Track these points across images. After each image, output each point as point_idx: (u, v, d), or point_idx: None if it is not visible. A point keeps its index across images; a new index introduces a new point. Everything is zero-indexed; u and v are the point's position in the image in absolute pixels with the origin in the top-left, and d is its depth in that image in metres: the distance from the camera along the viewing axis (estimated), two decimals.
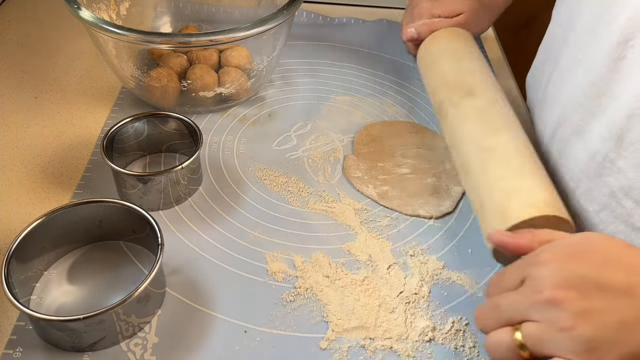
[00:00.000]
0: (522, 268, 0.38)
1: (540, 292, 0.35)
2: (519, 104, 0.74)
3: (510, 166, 0.48)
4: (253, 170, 0.61)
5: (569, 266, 0.35)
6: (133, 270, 0.50)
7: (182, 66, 0.66)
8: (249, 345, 0.45)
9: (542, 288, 0.35)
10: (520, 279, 0.37)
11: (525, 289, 0.36)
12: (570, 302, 0.34)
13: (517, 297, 0.37)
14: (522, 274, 0.37)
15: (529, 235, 0.40)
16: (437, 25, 0.65)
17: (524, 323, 0.36)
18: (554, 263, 0.36)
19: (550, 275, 0.35)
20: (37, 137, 0.63)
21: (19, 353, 0.43)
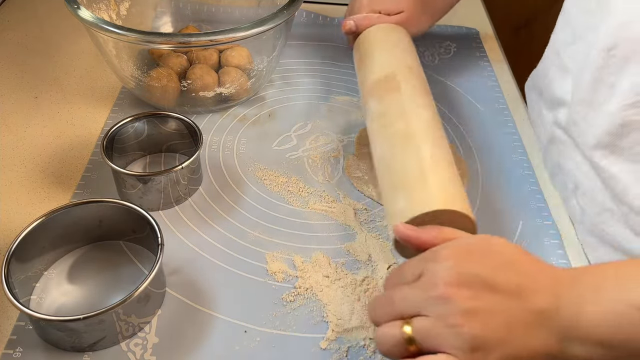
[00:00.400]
0: (421, 263, 0.38)
1: (433, 288, 0.35)
2: (519, 103, 0.74)
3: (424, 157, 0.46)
4: (253, 170, 0.61)
5: (464, 264, 0.36)
6: (133, 270, 0.50)
7: (182, 66, 0.66)
8: (249, 345, 0.45)
9: (436, 283, 0.35)
10: (418, 274, 0.37)
11: (419, 283, 0.36)
12: (461, 299, 0.34)
13: (411, 291, 0.37)
14: (420, 268, 0.37)
15: (434, 232, 0.40)
16: (376, 20, 0.64)
17: (415, 317, 0.35)
18: (450, 260, 0.36)
19: (444, 271, 0.35)
20: (37, 137, 0.63)
21: (19, 353, 0.43)
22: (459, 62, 0.80)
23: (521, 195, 0.60)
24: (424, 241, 0.39)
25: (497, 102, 0.73)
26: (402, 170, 0.46)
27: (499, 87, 0.76)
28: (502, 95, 0.74)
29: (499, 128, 0.69)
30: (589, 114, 0.52)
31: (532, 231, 0.56)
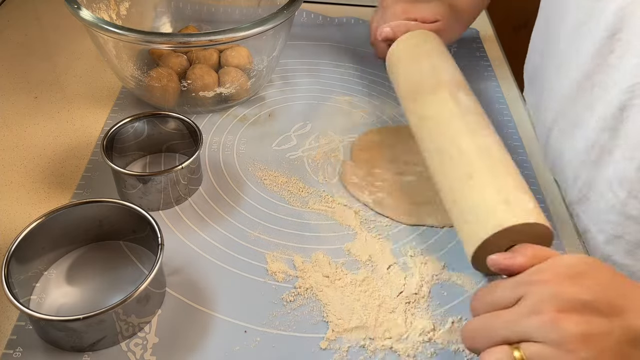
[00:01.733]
0: (517, 286, 0.38)
1: (541, 313, 0.35)
2: (519, 103, 0.74)
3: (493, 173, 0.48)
4: (253, 170, 0.61)
5: (568, 288, 0.36)
6: (133, 270, 0.50)
7: (182, 66, 0.66)
8: (249, 345, 0.45)
9: (544, 309, 0.35)
10: (515, 298, 0.37)
11: (522, 308, 0.36)
12: (573, 324, 0.34)
13: (514, 316, 0.36)
14: (518, 292, 0.37)
15: (528, 253, 0.40)
16: (414, 27, 0.64)
17: (524, 343, 0.35)
18: (553, 284, 0.36)
19: (551, 297, 0.35)
20: (37, 137, 0.63)
21: (19, 353, 0.43)
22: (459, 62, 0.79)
23: None
24: (520, 265, 0.39)
25: (497, 102, 0.73)
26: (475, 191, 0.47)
27: (499, 87, 0.76)
28: (502, 95, 0.74)
29: (499, 128, 0.69)
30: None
31: None
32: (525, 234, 0.43)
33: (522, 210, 0.44)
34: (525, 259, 0.40)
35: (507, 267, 0.40)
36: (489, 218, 0.44)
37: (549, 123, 0.61)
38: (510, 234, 0.43)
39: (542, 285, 0.36)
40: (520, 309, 0.36)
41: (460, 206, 0.47)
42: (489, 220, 0.44)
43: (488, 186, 0.46)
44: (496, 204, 0.45)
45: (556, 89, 0.59)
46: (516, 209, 0.44)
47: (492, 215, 0.44)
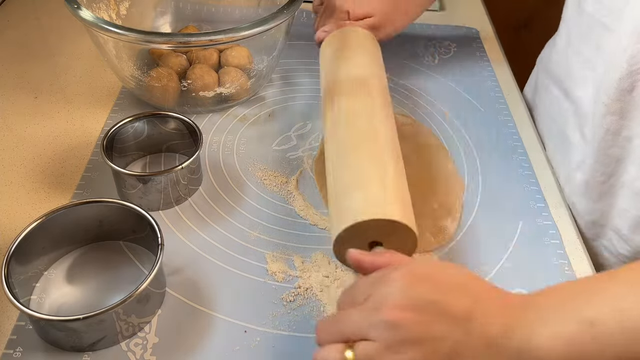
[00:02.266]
0: (370, 285, 0.36)
1: (380, 311, 0.34)
2: (519, 103, 0.74)
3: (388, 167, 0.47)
4: (253, 170, 0.61)
5: (414, 287, 0.34)
6: (133, 270, 0.50)
7: (182, 66, 0.66)
8: (249, 345, 0.45)
9: (383, 307, 0.34)
10: (366, 295, 0.36)
11: (367, 305, 0.35)
12: (408, 324, 0.33)
13: (357, 314, 0.35)
14: (369, 290, 0.36)
15: (388, 254, 0.39)
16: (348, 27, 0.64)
17: (360, 342, 0.34)
18: (400, 282, 0.35)
19: (393, 295, 0.34)
20: (37, 137, 0.63)
21: (19, 353, 0.43)
22: (459, 62, 0.80)
23: (521, 195, 0.60)
24: (378, 265, 0.38)
25: (497, 102, 0.73)
26: (362, 170, 0.46)
27: (499, 87, 0.76)
28: (502, 95, 0.74)
29: (499, 128, 0.69)
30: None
31: (532, 231, 0.56)
32: (391, 235, 0.42)
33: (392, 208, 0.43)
34: (383, 259, 0.39)
35: (361, 261, 0.39)
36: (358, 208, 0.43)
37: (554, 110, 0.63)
38: (377, 229, 0.42)
39: (389, 283, 0.35)
40: (364, 307, 0.35)
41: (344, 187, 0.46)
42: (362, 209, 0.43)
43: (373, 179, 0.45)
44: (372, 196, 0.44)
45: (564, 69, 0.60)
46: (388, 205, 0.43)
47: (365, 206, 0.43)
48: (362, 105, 0.53)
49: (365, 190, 0.44)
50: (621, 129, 0.52)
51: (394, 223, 0.42)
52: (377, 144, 0.49)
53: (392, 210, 0.42)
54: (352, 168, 0.47)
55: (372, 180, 0.45)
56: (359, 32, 0.63)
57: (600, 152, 0.54)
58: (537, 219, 0.58)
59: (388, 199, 0.44)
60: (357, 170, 0.46)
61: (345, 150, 0.49)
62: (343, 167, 0.47)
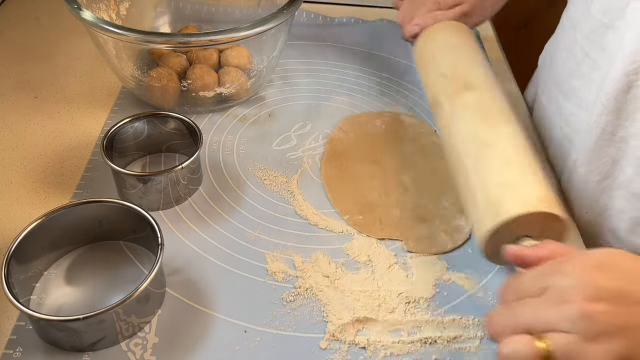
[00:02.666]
0: (542, 276, 0.36)
1: (570, 304, 0.34)
2: (519, 103, 0.74)
3: (508, 162, 0.47)
4: (253, 170, 0.61)
5: (595, 278, 0.35)
6: (133, 270, 0.50)
7: (182, 66, 0.66)
8: (249, 345, 0.45)
9: (572, 299, 0.34)
10: (542, 287, 0.36)
11: (548, 298, 0.35)
12: (604, 315, 0.33)
13: (540, 306, 0.35)
14: (544, 282, 0.36)
15: (551, 246, 0.39)
16: (440, 17, 0.64)
17: (551, 333, 0.34)
18: (579, 273, 0.35)
19: (578, 286, 0.34)
20: (37, 137, 0.63)
21: (19, 353, 0.43)
22: None
23: None
24: (541, 256, 0.39)
25: None
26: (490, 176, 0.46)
27: None
28: None
29: None
30: None
31: None
32: (540, 225, 0.43)
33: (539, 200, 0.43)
34: (545, 251, 0.39)
35: (525, 257, 0.39)
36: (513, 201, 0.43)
37: (551, 109, 0.62)
38: (525, 222, 0.42)
39: (568, 275, 0.35)
40: (547, 299, 0.35)
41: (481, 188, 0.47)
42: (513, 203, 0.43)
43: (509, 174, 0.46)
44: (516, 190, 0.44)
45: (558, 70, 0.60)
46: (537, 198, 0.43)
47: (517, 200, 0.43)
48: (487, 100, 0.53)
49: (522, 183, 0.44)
50: (617, 129, 0.52)
51: (554, 216, 0.42)
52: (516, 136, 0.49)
53: (553, 204, 0.43)
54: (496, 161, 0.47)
55: (523, 173, 0.45)
56: (456, 25, 0.63)
57: (596, 152, 0.54)
58: None
59: (546, 191, 0.44)
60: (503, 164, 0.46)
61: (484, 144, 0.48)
62: (484, 160, 0.47)
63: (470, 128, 0.51)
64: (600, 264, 0.36)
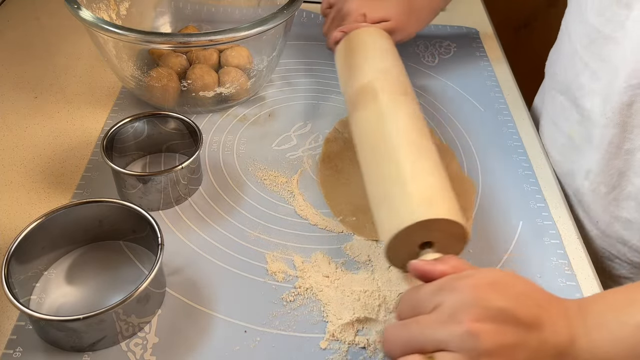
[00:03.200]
0: (437, 292, 0.37)
1: (460, 323, 0.34)
2: (519, 103, 0.74)
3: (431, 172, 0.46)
4: (253, 170, 0.61)
5: (486, 297, 0.35)
6: (133, 270, 0.50)
7: (182, 66, 0.66)
8: (249, 345, 0.45)
9: (460, 318, 0.34)
10: (435, 304, 0.36)
11: (440, 315, 0.35)
12: (489, 335, 0.34)
13: (431, 324, 0.35)
14: (437, 299, 0.36)
15: (452, 262, 0.39)
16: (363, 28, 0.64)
17: (438, 352, 0.35)
18: (471, 292, 0.35)
19: (468, 305, 0.35)
20: (37, 137, 0.63)
21: (19, 353, 0.43)
22: (459, 62, 0.80)
23: (521, 195, 0.60)
24: (441, 272, 0.39)
25: (497, 102, 0.73)
26: (382, 186, 0.46)
27: (499, 87, 0.76)
28: (502, 95, 0.74)
29: (499, 128, 0.69)
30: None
31: (532, 231, 0.56)
32: (442, 232, 0.42)
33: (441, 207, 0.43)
34: (447, 267, 0.39)
35: (427, 272, 0.39)
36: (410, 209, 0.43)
37: (553, 119, 0.62)
38: (428, 229, 0.42)
39: (460, 292, 0.36)
40: (438, 316, 0.35)
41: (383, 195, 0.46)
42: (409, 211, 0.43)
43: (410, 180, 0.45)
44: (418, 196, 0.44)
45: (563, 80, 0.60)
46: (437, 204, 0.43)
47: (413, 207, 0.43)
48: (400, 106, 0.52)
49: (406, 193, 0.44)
50: (623, 142, 0.52)
51: (443, 221, 0.42)
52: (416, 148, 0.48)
53: (450, 211, 0.42)
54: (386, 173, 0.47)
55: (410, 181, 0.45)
56: (378, 32, 0.63)
57: (604, 164, 0.54)
58: (537, 219, 0.58)
59: (447, 199, 0.44)
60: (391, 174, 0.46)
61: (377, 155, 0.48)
62: (377, 175, 0.47)
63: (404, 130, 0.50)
64: (492, 284, 0.36)
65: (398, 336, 0.37)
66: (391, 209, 0.44)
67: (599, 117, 0.54)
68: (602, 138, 0.53)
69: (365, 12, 0.65)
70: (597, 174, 0.56)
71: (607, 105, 0.52)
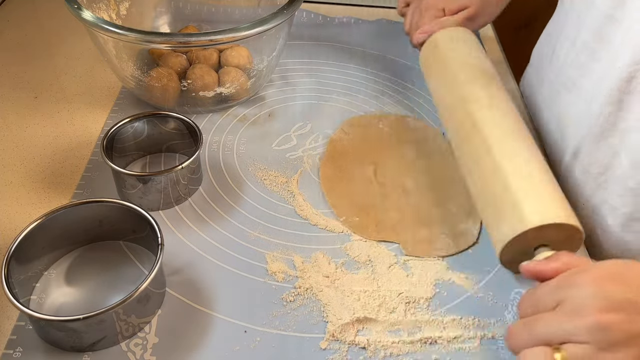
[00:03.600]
0: (557, 289, 0.38)
1: (585, 315, 0.35)
2: (519, 102, 0.74)
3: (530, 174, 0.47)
4: (253, 170, 0.61)
5: (608, 288, 0.35)
6: (133, 270, 0.50)
7: (182, 66, 0.66)
8: (249, 345, 0.45)
9: (587, 311, 0.35)
10: (556, 301, 0.37)
11: (564, 310, 0.36)
12: (618, 325, 0.34)
13: (556, 318, 0.36)
14: (559, 295, 0.37)
15: (564, 258, 0.40)
16: (445, 23, 0.64)
17: (567, 344, 0.35)
18: (592, 285, 0.36)
19: (592, 297, 0.35)
20: (37, 137, 0.63)
21: (19, 353, 0.43)
22: None
23: None
24: (554, 270, 0.39)
25: None
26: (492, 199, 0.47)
27: None
28: None
29: None
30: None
31: None
32: (556, 234, 0.43)
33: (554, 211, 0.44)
34: (559, 264, 0.40)
35: (540, 272, 0.40)
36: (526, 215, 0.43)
37: (550, 96, 0.62)
38: (542, 233, 0.43)
39: (582, 287, 0.36)
40: (563, 311, 0.36)
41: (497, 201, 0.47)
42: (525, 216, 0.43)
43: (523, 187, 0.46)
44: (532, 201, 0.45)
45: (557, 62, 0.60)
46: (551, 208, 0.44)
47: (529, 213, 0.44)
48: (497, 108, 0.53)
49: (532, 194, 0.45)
50: (618, 121, 0.52)
51: (566, 226, 0.42)
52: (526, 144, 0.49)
53: (563, 214, 0.43)
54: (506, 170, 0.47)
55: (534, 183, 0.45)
56: (461, 31, 0.63)
57: (598, 143, 0.54)
58: None
59: (558, 201, 0.44)
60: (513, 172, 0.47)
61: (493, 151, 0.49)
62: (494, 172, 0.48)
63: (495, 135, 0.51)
64: (612, 275, 0.37)
65: (522, 331, 0.38)
66: (503, 211, 0.45)
67: (598, 94, 0.54)
68: (598, 116, 0.53)
69: (444, 6, 0.65)
70: (590, 153, 0.56)
71: (605, 84, 0.52)
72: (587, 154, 0.56)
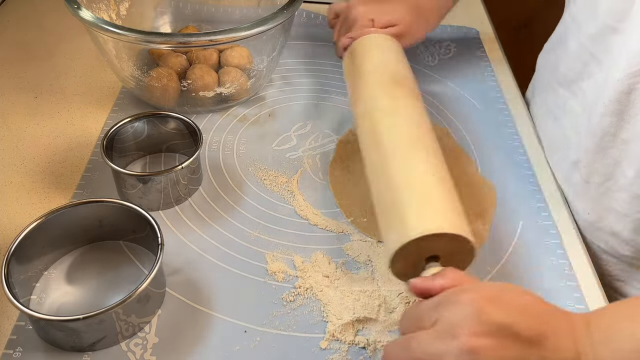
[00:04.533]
0: (437, 307, 0.36)
1: (457, 337, 0.34)
2: (519, 103, 0.74)
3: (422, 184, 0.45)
4: (253, 170, 0.61)
5: (485, 311, 0.34)
6: (133, 270, 0.50)
7: (182, 66, 0.66)
8: (249, 345, 0.45)
9: (459, 333, 0.34)
10: (434, 319, 0.36)
11: (438, 330, 0.35)
12: (488, 350, 0.33)
13: (429, 339, 0.35)
14: (437, 313, 0.36)
15: (450, 275, 0.39)
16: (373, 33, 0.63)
17: None
18: (470, 306, 0.35)
19: (468, 318, 0.34)
20: (37, 137, 0.63)
21: (19, 353, 0.43)
22: (459, 62, 0.80)
23: (521, 195, 0.60)
24: (440, 286, 0.38)
25: (497, 102, 0.73)
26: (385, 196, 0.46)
27: (499, 87, 0.76)
28: (502, 95, 0.74)
29: (499, 128, 0.69)
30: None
31: (532, 231, 0.56)
32: (445, 245, 0.42)
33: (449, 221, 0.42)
34: (446, 280, 0.38)
35: (426, 289, 0.39)
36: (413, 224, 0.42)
37: (549, 107, 0.63)
38: (428, 244, 0.41)
39: (459, 306, 0.35)
40: (436, 332, 0.35)
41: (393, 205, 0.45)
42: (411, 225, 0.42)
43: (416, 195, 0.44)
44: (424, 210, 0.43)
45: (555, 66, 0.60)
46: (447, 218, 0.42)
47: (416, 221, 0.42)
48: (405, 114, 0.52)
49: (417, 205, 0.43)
50: (619, 131, 0.52)
51: (451, 235, 0.41)
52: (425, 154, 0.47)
53: (447, 224, 0.41)
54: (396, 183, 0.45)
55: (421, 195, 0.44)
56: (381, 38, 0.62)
57: (598, 153, 0.54)
58: (537, 219, 0.58)
59: (447, 212, 0.43)
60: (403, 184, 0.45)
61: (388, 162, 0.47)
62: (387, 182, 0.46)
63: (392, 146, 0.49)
64: (492, 297, 0.36)
65: (397, 352, 0.37)
66: (391, 224, 0.43)
67: (597, 106, 0.54)
68: (598, 127, 0.53)
69: (374, 17, 0.65)
70: (590, 163, 0.56)
71: (606, 93, 0.52)
72: (588, 164, 0.56)
